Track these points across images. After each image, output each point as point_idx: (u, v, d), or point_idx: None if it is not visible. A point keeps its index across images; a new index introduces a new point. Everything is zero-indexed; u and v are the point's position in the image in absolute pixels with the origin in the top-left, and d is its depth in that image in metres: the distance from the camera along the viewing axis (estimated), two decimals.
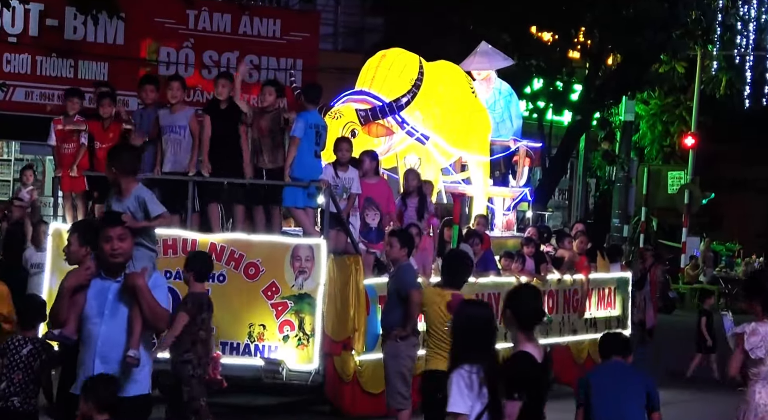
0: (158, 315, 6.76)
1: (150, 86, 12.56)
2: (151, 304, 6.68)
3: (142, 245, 6.94)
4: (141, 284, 6.67)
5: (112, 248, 6.68)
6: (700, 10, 26.76)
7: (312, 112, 12.50)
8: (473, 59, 17.50)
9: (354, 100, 14.70)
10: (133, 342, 6.65)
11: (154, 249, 7.07)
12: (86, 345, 6.72)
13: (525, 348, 6.55)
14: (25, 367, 7.92)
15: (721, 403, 15.78)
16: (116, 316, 6.69)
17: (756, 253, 39.10)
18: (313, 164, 12.29)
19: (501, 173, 17.67)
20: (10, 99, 21.05)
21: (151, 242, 7.07)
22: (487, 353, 6.20)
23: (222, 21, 23.06)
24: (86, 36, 21.77)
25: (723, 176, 42.76)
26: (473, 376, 6.07)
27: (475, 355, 6.13)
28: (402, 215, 13.76)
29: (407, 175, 14.11)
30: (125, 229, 6.77)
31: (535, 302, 6.76)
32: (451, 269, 9.77)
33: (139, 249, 6.88)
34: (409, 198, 13.85)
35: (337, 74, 21.25)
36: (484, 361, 6.12)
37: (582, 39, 26.30)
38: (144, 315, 6.66)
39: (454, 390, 6.07)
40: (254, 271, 11.75)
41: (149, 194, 7.22)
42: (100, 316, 6.69)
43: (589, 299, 15.88)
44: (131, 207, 7.10)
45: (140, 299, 6.65)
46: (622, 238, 33.65)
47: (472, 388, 6.06)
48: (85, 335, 6.74)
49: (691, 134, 36.58)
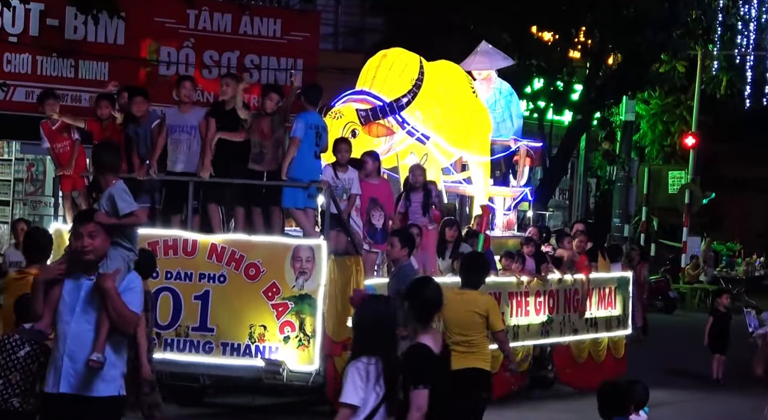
0: (125, 318, 6.64)
1: (140, 98, 12.48)
2: (118, 307, 6.59)
3: (118, 245, 6.81)
4: (108, 287, 6.58)
5: (82, 245, 6.64)
6: (701, 10, 26.75)
7: (312, 112, 12.49)
8: (474, 59, 17.49)
9: (354, 100, 14.69)
10: (98, 345, 6.58)
11: (131, 249, 6.92)
12: (58, 342, 6.71)
13: (422, 340, 6.67)
14: (23, 368, 7.89)
15: (720, 403, 15.83)
16: (87, 315, 6.64)
17: (757, 253, 39.13)
18: (314, 165, 12.28)
19: (501, 173, 17.65)
20: (10, 99, 21.03)
21: (129, 242, 6.92)
22: (386, 346, 6.33)
23: (222, 21, 23.04)
24: (87, 36, 21.76)
25: (724, 176, 42.81)
26: (370, 367, 6.19)
27: (374, 348, 6.26)
28: (407, 211, 13.74)
29: (413, 170, 14.03)
30: (97, 226, 6.68)
31: (431, 294, 6.83)
32: (469, 270, 9.98)
33: (115, 248, 6.77)
34: (414, 193, 13.80)
35: (337, 74, 21.23)
36: (383, 353, 6.25)
37: (582, 39, 26.29)
38: (110, 318, 6.59)
39: (348, 382, 6.20)
40: (255, 272, 11.74)
41: (121, 192, 7.06)
42: (71, 313, 6.65)
43: (589, 299, 15.87)
44: (105, 205, 7.00)
45: (107, 302, 6.58)
46: (622, 237, 33.65)
47: (368, 380, 6.18)
48: (58, 332, 6.72)
49: (691, 134, 36.57)
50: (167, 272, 11.71)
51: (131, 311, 6.66)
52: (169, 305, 11.71)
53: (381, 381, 6.19)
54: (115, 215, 6.91)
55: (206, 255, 11.79)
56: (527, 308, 14.61)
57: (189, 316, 11.70)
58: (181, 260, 11.77)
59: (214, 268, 11.74)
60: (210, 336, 11.70)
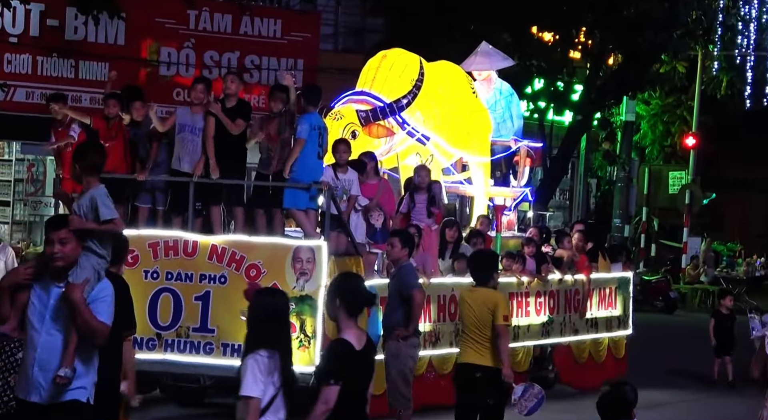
0: (93, 329, 6.49)
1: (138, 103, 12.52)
2: (86, 319, 6.45)
3: (90, 251, 6.64)
4: (75, 299, 6.44)
5: (52, 252, 6.52)
6: (701, 10, 26.76)
7: (314, 113, 12.48)
8: (474, 59, 17.49)
9: (354, 101, 14.69)
10: (67, 359, 6.47)
11: (103, 256, 6.72)
12: (29, 349, 6.59)
13: (344, 335, 6.72)
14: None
15: (719, 404, 15.83)
16: (57, 323, 6.51)
17: (757, 253, 39.13)
18: (316, 166, 12.27)
19: (502, 173, 17.65)
20: (10, 99, 21.03)
21: (102, 248, 6.72)
22: (281, 339, 6.47)
23: (223, 21, 23.04)
24: (87, 36, 21.75)
25: (724, 176, 42.82)
26: (268, 360, 6.31)
27: (270, 341, 6.37)
28: (409, 212, 13.73)
29: (419, 170, 13.99)
30: (69, 233, 6.55)
31: (363, 291, 6.89)
32: (475, 268, 10.25)
33: (86, 255, 6.61)
34: (418, 194, 13.78)
35: (337, 75, 21.24)
36: (279, 347, 6.38)
37: (583, 39, 26.30)
38: (78, 330, 6.46)
39: (248, 374, 6.30)
40: (255, 273, 11.72)
41: (103, 196, 6.83)
42: (41, 321, 6.52)
43: (590, 299, 15.88)
44: (84, 207, 6.78)
45: (75, 314, 6.44)
46: (623, 238, 33.66)
47: (267, 372, 6.31)
48: (28, 339, 6.60)
49: (692, 134, 36.57)
50: (168, 273, 11.70)
51: (99, 322, 6.51)
52: (170, 306, 11.69)
53: (277, 374, 6.32)
54: (95, 219, 6.73)
55: (207, 256, 11.77)
56: (528, 309, 14.63)
57: (189, 317, 11.69)
58: (182, 261, 11.76)
59: (214, 268, 11.73)
60: (210, 337, 11.69)
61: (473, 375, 9.76)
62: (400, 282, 11.11)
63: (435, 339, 13.21)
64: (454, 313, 13.39)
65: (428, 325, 12.98)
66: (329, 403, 6.53)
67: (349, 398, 6.61)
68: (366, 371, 6.86)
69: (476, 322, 9.84)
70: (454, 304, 13.29)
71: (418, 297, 11.04)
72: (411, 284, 11.06)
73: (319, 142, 12.28)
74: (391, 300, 11.16)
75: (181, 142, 12.18)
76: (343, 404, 6.57)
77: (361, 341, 6.72)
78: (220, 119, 12.03)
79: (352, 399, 6.66)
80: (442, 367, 13.42)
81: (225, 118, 12.03)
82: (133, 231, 11.91)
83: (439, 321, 13.26)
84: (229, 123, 12.03)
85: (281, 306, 6.66)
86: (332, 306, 6.79)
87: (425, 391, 12.87)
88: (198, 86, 12.35)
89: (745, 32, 37.54)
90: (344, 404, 6.57)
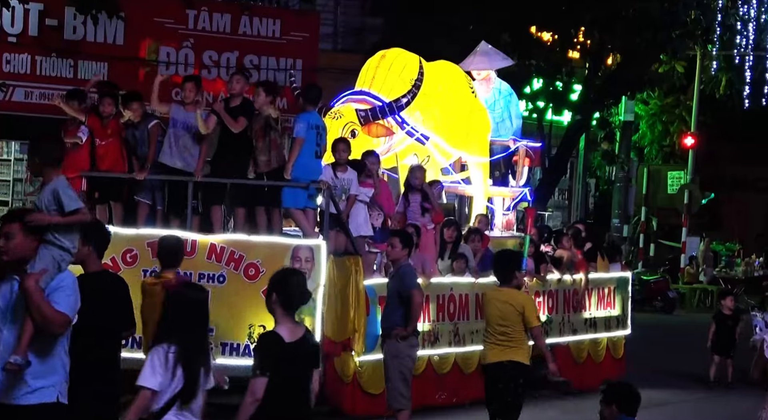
0: (48, 319, 6.31)
1: (136, 104, 12.54)
2: (40, 307, 6.28)
3: (50, 243, 6.49)
4: (28, 286, 6.27)
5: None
6: (700, 10, 26.71)
7: (312, 112, 12.50)
8: (473, 59, 17.49)
9: (354, 101, 14.70)
10: (20, 347, 6.30)
11: (67, 249, 6.56)
12: None
13: (278, 329, 6.80)
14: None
15: (719, 404, 15.82)
16: (18, 319, 6.38)
17: (756, 253, 39.11)
18: (314, 165, 12.29)
19: (501, 173, 17.66)
20: (9, 99, 21.01)
21: (66, 240, 6.57)
22: (191, 334, 6.51)
23: (222, 21, 23.02)
24: (86, 36, 21.73)
25: (723, 176, 42.78)
26: (170, 355, 6.37)
27: (178, 335, 6.43)
28: (405, 211, 13.75)
29: (414, 170, 14.04)
30: (14, 227, 6.40)
31: (299, 285, 6.96)
32: (497, 269, 10.44)
33: (46, 247, 6.47)
34: (412, 194, 13.81)
35: (336, 74, 21.23)
36: (185, 341, 6.42)
37: (582, 39, 26.28)
38: (33, 320, 6.31)
39: (147, 366, 6.37)
40: (254, 272, 11.75)
41: (65, 187, 6.72)
42: (3, 319, 6.40)
43: (588, 299, 15.88)
44: (45, 200, 6.67)
45: (28, 302, 6.29)
46: (621, 238, 33.66)
47: (167, 366, 6.35)
48: None
49: (690, 134, 36.58)
50: None
51: (56, 311, 6.35)
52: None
53: (179, 369, 6.36)
54: (59, 211, 6.62)
55: (206, 255, 11.79)
56: None
57: None
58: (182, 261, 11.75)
59: (213, 268, 11.74)
60: (209, 336, 11.67)
61: (505, 372, 9.90)
62: (400, 282, 11.12)
63: (434, 339, 13.22)
64: (453, 313, 13.40)
65: (427, 325, 12.98)
66: (256, 394, 6.63)
67: (282, 389, 6.67)
68: (299, 363, 6.87)
69: (501, 321, 10.01)
70: (453, 303, 13.30)
71: (417, 298, 11.05)
72: (411, 284, 11.07)
73: (317, 141, 12.29)
74: (391, 300, 11.16)
75: (169, 137, 12.23)
76: (275, 395, 6.64)
77: (294, 334, 6.81)
78: (222, 117, 12.06)
79: (285, 390, 6.71)
80: (441, 367, 13.43)
81: (227, 116, 12.06)
82: (132, 230, 11.93)
83: (438, 321, 13.27)
84: (230, 121, 12.05)
85: (199, 302, 6.73)
86: (269, 300, 6.86)
87: (425, 391, 12.88)
88: (188, 85, 12.40)
89: (744, 32, 37.53)
90: (276, 395, 6.64)
